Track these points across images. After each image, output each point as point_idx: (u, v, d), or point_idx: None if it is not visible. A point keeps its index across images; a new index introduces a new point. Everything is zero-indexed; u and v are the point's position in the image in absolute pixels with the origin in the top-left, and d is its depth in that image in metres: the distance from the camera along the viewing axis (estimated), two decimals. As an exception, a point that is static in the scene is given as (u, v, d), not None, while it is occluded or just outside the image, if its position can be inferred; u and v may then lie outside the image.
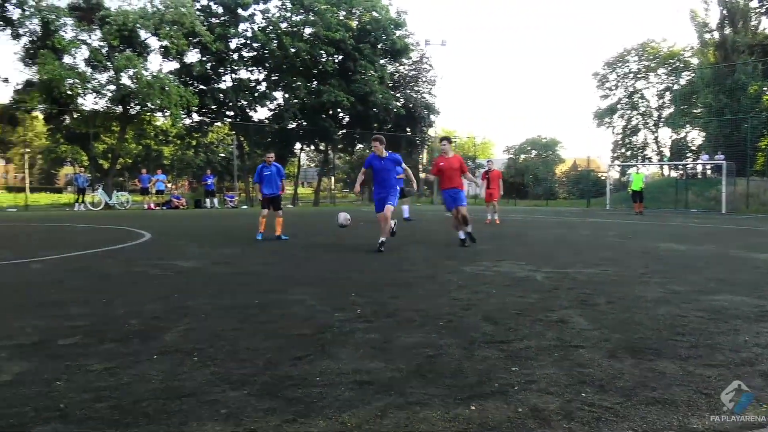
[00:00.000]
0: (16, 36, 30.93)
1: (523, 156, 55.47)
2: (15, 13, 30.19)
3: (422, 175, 18.76)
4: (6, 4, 29.78)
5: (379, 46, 40.52)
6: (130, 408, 2.77)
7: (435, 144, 44.55)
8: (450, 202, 10.39)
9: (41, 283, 6.41)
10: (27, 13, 29.84)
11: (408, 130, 44.51)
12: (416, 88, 45.71)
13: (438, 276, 6.93)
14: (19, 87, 32.23)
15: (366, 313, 4.86)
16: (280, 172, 12.12)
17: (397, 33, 40.63)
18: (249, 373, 3.30)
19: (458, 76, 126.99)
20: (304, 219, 20.49)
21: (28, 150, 55.97)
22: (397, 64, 44.24)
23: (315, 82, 38.83)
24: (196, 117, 38.19)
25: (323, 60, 38.24)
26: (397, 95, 43.30)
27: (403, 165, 9.89)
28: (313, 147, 47.43)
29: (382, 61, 41.05)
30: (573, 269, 7.46)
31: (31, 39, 31.25)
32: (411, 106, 43.17)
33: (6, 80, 34.95)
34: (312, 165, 63.35)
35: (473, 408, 2.79)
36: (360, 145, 47.40)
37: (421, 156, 49.23)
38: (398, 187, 9.62)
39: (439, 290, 5.98)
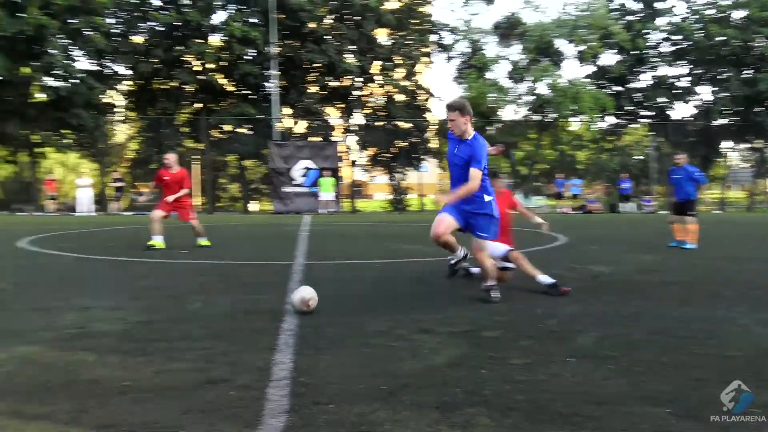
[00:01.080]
0: (449, 59, 36.03)
1: None
2: (448, 39, 35.50)
3: None
4: (441, 32, 35.16)
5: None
6: (545, 405, 2.85)
7: None
8: None
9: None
10: (458, 37, 34.80)
11: None
12: None
13: None
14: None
15: (819, 340, 4.05)
16: (692, 173, 10.90)
17: None
18: (670, 390, 3.06)
19: None
20: (733, 226, 18.21)
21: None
22: None
23: (749, 71, 34.17)
24: (611, 120, 37.65)
25: (760, 45, 33.39)
26: None
27: (477, 167, 5.13)
28: (745, 145, 41.75)
29: None
30: None
31: (461, 60, 35.46)
32: None
33: (440, 98, 40.31)
34: (745, 165, 55.97)
35: None
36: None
37: None
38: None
39: None
